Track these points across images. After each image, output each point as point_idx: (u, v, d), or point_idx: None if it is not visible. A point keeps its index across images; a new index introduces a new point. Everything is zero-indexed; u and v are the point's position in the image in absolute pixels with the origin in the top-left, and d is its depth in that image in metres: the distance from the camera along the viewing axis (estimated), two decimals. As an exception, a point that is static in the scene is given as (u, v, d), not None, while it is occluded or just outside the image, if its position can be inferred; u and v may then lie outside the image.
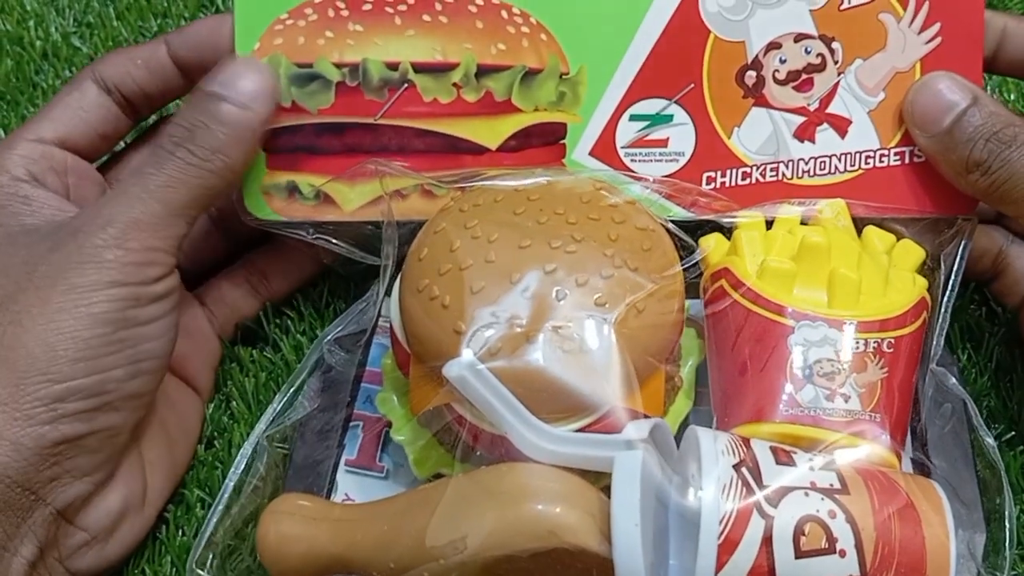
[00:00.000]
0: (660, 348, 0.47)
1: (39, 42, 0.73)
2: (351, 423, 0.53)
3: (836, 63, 0.53)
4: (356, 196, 0.54)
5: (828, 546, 0.42)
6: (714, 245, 0.52)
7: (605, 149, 0.54)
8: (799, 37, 0.53)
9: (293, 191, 0.54)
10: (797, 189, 0.54)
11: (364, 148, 0.54)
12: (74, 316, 0.46)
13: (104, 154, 0.55)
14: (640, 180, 0.54)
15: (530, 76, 0.53)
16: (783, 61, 0.53)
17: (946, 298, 0.51)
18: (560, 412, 0.45)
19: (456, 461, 0.47)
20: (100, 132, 0.53)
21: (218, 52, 0.52)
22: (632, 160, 0.54)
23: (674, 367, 0.50)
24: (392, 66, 0.53)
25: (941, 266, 0.52)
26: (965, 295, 0.59)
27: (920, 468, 0.50)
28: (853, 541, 0.42)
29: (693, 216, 0.54)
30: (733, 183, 0.54)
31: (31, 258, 0.47)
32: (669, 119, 0.54)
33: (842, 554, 0.42)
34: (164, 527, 0.53)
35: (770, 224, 0.52)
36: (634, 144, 0.54)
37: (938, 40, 0.53)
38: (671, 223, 0.51)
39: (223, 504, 0.49)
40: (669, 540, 0.44)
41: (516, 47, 0.53)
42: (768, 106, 0.54)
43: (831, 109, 0.54)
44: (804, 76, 0.54)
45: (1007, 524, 0.46)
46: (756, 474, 0.43)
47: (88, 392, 0.46)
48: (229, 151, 0.49)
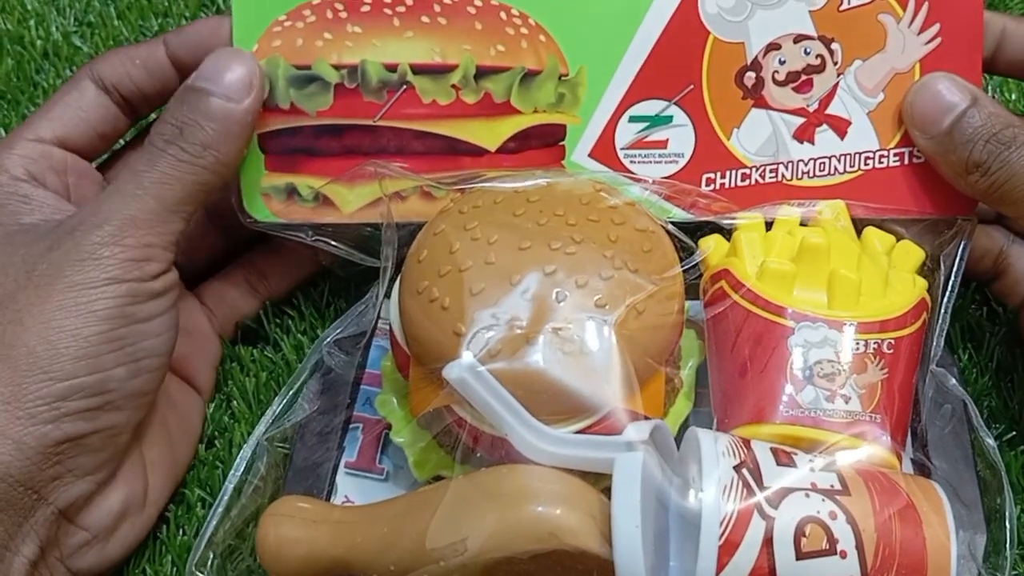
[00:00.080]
0: (660, 349, 0.47)
1: (40, 41, 0.73)
2: (351, 425, 0.53)
3: (835, 64, 0.53)
4: (355, 198, 0.54)
5: (829, 547, 0.42)
6: (714, 246, 0.52)
7: (605, 150, 0.54)
8: (798, 38, 0.53)
9: (292, 193, 0.54)
10: (797, 190, 0.54)
11: (363, 150, 0.54)
12: (74, 314, 0.46)
13: (103, 153, 0.55)
14: (639, 181, 0.53)
15: (529, 77, 0.53)
16: (782, 62, 0.53)
17: (946, 299, 0.51)
18: (560, 414, 0.45)
19: (456, 463, 0.46)
20: (99, 131, 0.53)
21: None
22: (632, 161, 0.54)
23: (674, 369, 0.50)
24: (391, 68, 0.53)
25: (941, 267, 0.52)
26: (966, 295, 0.59)
27: (920, 469, 0.50)
28: (854, 542, 0.42)
29: (693, 217, 0.54)
30: (733, 184, 0.54)
31: (30, 256, 0.47)
32: (668, 120, 0.54)
33: (843, 555, 0.42)
34: (165, 527, 0.53)
35: (770, 225, 0.52)
36: (633, 145, 0.54)
37: (937, 41, 0.53)
38: (671, 224, 0.51)
39: (223, 505, 0.49)
40: (670, 542, 0.44)
41: (515, 48, 0.53)
42: (767, 107, 0.54)
43: (830, 110, 0.54)
44: (803, 77, 0.53)
45: (1008, 524, 0.46)
46: (757, 475, 0.43)
47: (90, 390, 0.46)
48: (220, 146, 0.49)
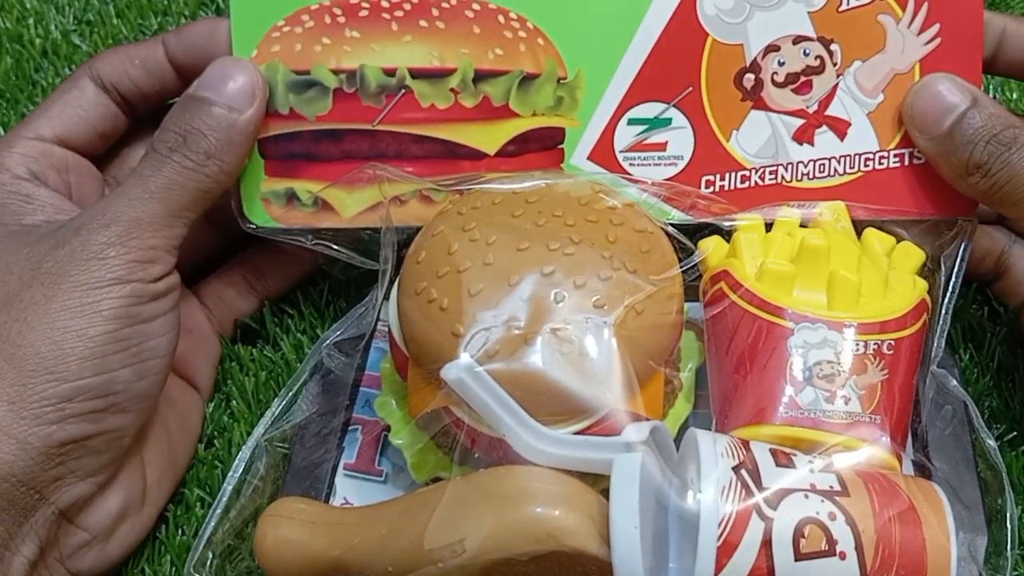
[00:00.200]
0: (659, 350, 0.47)
1: (39, 40, 0.73)
2: (350, 427, 0.53)
3: (835, 65, 0.53)
4: (354, 202, 0.54)
5: (828, 548, 0.42)
6: (713, 247, 0.52)
7: (604, 153, 0.54)
8: (797, 39, 0.53)
9: (291, 198, 0.54)
10: (796, 192, 0.54)
11: (362, 154, 0.54)
12: (80, 314, 0.46)
13: (102, 152, 0.55)
14: (639, 183, 0.53)
15: (528, 81, 0.53)
16: (781, 63, 0.53)
17: (947, 300, 0.51)
18: (559, 414, 0.45)
19: (454, 464, 0.46)
20: (99, 130, 0.53)
21: (214, 56, 0.52)
22: (631, 164, 0.54)
23: (673, 370, 0.50)
24: (389, 72, 0.53)
25: (941, 268, 0.52)
26: (967, 295, 0.59)
27: (921, 470, 0.49)
28: (853, 543, 0.42)
29: (692, 219, 0.53)
30: (732, 186, 0.54)
31: (34, 255, 0.47)
32: (667, 123, 0.54)
33: (842, 556, 0.42)
34: (164, 526, 0.53)
35: (769, 227, 0.52)
36: (633, 148, 0.54)
37: (937, 41, 0.53)
38: (670, 226, 0.51)
39: (222, 506, 0.49)
40: (669, 543, 0.43)
41: (513, 52, 0.53)
42: (767, 109, 0.54)
43: (830, 111, 0.54)
44: (803, 78, 0.53)
45: (1008, 525, 0.46)
46: (755, 476, 0.43)
47: (96, 392, 0.46)
48: (223, 155, 0.50)
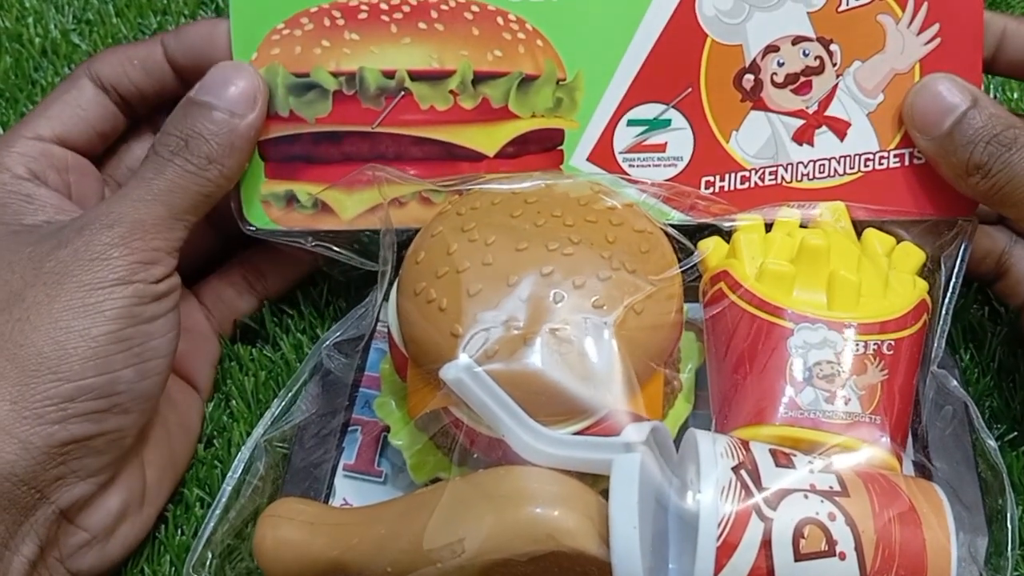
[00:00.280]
0: (659, 350, 0.47)
1: (38, 39, 0.73)
2: (349, 428, 0.53)
3: (834, 65, 0.53)
4: (354, 204, 0.54)
5: (828, 549, 0.42)
6: (713, 248, 0.52)
7: (603, 154, 0.54)
8: (797, 40, 0.53)
9: (291, 200, 0.54)
10: (796, 192, 0.54)
11: (362, 156, 0.54)
12: (83, 314, 0.46)
13: (101, 152, 0.55)
14: (638, 184, 0.53)
15: (527, 82, 0.53)
16: (781, 64, 0.53)
17: (947, 300, 0.51)
18: (558, 415, 0.45)
19: (453, 465, 0.46)
20: (98, 130, 0.53)
21: (213, 57, 0.52)
22: (630, 165, 0.54)
23: (673, 371, 0.50)
24: (388, 74, 0.53)
25: (942, 268, 0.52)
26: (967, 295, 0.59)
27: (921, 470, 0.49)
28: (853, 544, 0.42)
29: (692, 220, 0.53)
30: (732, 187, 0.54)
31: (37, 255, 0.47)
32: (667, 124, 0.54)
33: (842, 557, 0.42)
34: (163, 526, 0.53)
35: (769, 227, 0.52)
36: (632, 149, 0.54)
37: (937, 41, 0.53)
38: (670, 227, 0.51)
39: (222, 506, 0.49)
40: (668, 543, 0.43)
41: (512, 53, 0.53)
42: (766, 109, 0.54)
43: (830, 112, 0.54)
44: (802, 79, 0.53)
45: (1009, 525, 0.46)
46: (755, 476, 0.43)
47: (98, 392, 0.46)
48: (224, 159, 0.50)
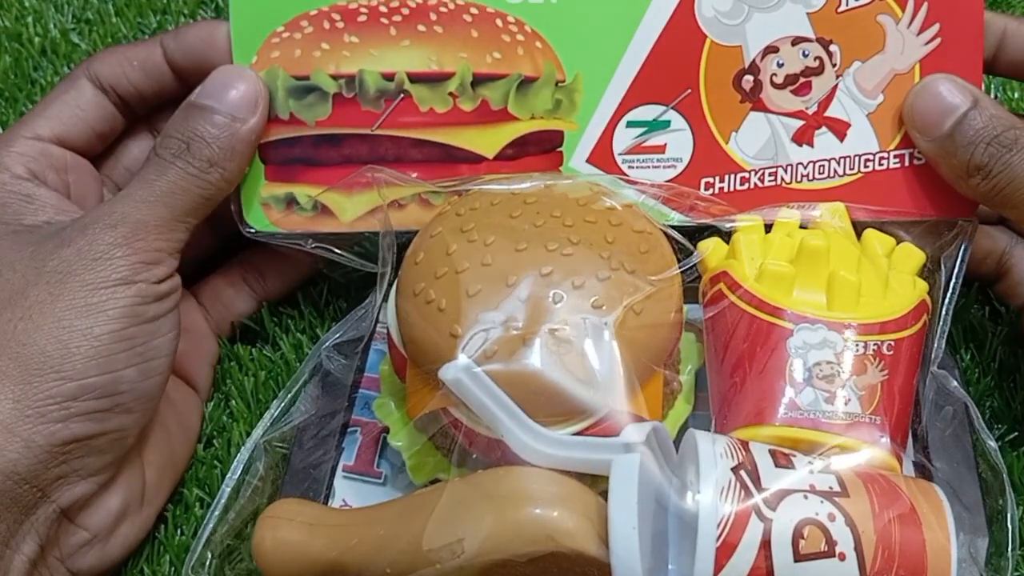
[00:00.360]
0: (658, 350, 0.47)
1: (37, 38, 0.73)
2: (349, 429, 0.53)
3: (834, 66, 0.53)
4: (353, 206, 0.54)
5: (827, 549, 0.41)
6: (712, 248, 0.51)
7: (603, 156, 0.54)
8: (796, 40, 0.53)
9: (291, 202, 0.54)
10: (796, 193, 0.54)
11: (361, 159, 0.54)
12: (86, 313, 0.46)
13: (99, 152, 0.55)
14: (637, 184, 0.53)
15: (526, 84, 0.53)
16: (780, 65, 0.53)
17: (947, 301, 0.51)
18: (557, 415, 0.45)
19: (452, 466, 0.46)
20: (97, 130, 0.54)
21: (212, 59, 0.52)
22: (630, 167, 0.54)
23: (673, 371, 0.50)
24: (388, 77, 0.53)
25: (942, 269, 0.52)
26: (968, 295, 0.58)
27: (921, 471, 0.49)
28: (852, 544, 0.42)
29: (691, 221, 0.53)
30: (732, 188, 0.54)
31: (39, 254, 0.47)
32: (666, 125, 0.54)
33: (841, 557, 0.41)
34: (163, 526, 0.53)
35: (769, 228, 0.52)
36: (631, 151, 0.54)
37: (937, 41, 0.53)
38: (669, 228, 0.51)
39: (221, 507, 0.49)
40: (668, 544, 0.43)
41: (512, 55, 0.53)
42: (766, 110, 0.54)
43: (829, 112, 0.54)
44: (802, 80, 0.53)
45: (1009, 525, 0.46)
46: (755, 477, 0.43)
47: (101, 391, 0.46)
48: (225, 163, 0.50)
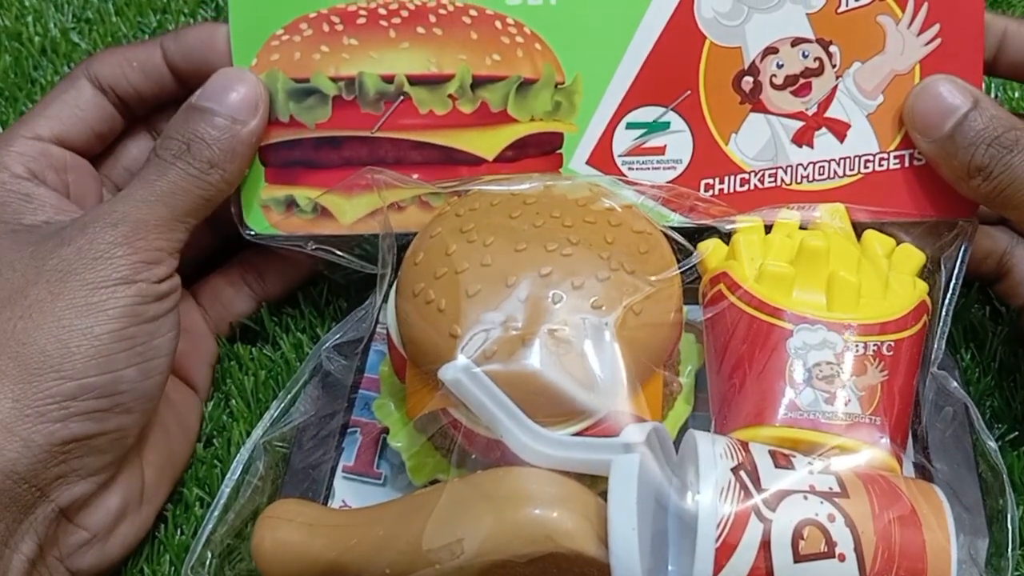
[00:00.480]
0: (658, 350, 0.47)
1: (37, 38, 0.73)
2: (349, 430, 0.53)
3: (834, 67, 0.53)
4: (353, 209, 0.54)
5: (827, 550, 0.41)
6: (712, 249, 0.51)
7: (602, 158, 0.54)
8: (796, 41, 0.53)
9: (291, 205, 0.54)
10: (796, 194, 0.54)
11: (362, 161, 0.54)
12: (86, 312, 0.46)
13: (99, 152, 0.55)
14: (637, 186, 0.53)
15: (525, 86, 0.53)
16: (780, 66, 0.53)
17: (947, 301, 0.51)
18: (557, 416, 0.45)
19: (452, 466, 0.46)
20: (96, 130, 0.54)
21: (212, 61, 0.53)
22: (630, 168, 0.54)
23: (673, 372, 0.50)
24: (388, 79, 0.53)
25: (942, 269, 0.52)
26: (968, 295, 0.58)
27: (921, 472, 0.49)
28: (852, 545, 0.41)
29: (691, 222, 0.53)
30: (732, 190, 0.54)
31: (39, 253, 0.47)
32: (666, 126, 0.54)
33: (841, 558, 0.41)
34: (163, 526, 0.53)
35: (769, 229, 0.52)
36: (631, 152, 0.54)
37: (938, 41, 0.53)
38: (669, 229, 0.51)
39: (221, 507, 0.49)
40: (668, 544, 0.43)
41: (511, 57, 0.53)
42: (766, 111, 0.54)
43: (829, 113, 0.53)
44: (802, 80, 0.53)
45: (1009, 526, 0.46)
46: (754, 477, 0.43)
47: (101, 391, 0.46)
48: (225, 164, 0.50)
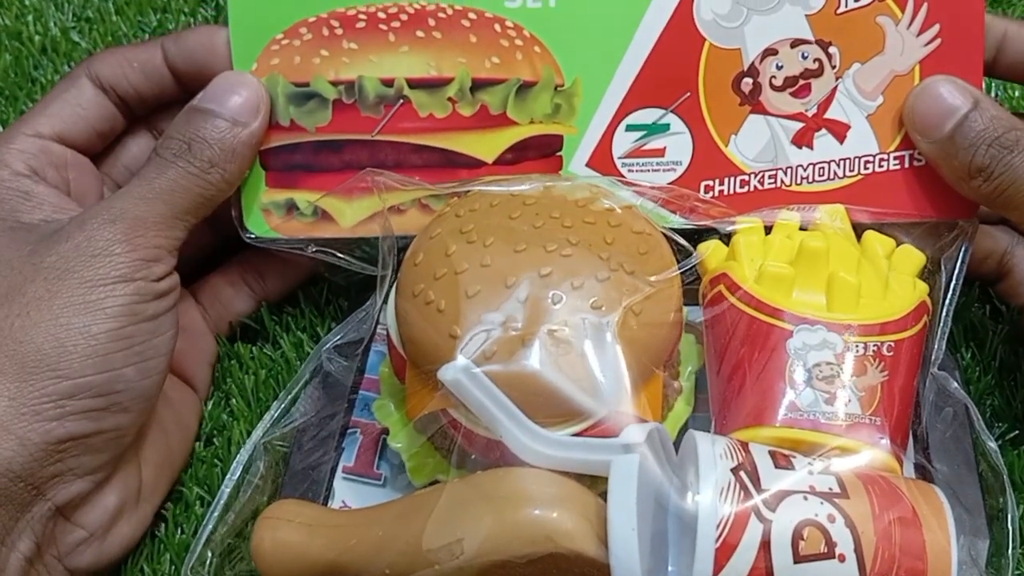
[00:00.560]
0: (657, 352, 0.47)
1: (38, 37, 0.73)
2: (349, 430, 0.53)
3: (834, 68, 0.53)
4: (353, 212, 0.54)
5: (827, 550, 0.41)
6: (712, 250, 0.51)
7: (602, 160, 0.54)
8: (796, 42, 0.53)
9: (291, 208, 0.55)
10: (796, 196, 0.54)
11: (362, 165, 0.54)
12: (84, 311, 0.46)
13: (99, 151, 0.55)
14: (637, 186, 0.53)
15: (525, 89, 0.54)
16: (780, 67, 0.53)
17: (947, 302, 0.51)
18: (556, 416, 0.45)
19: (451, 467, 0.46)
20: (97, 129, 0.54)
21: (212, 65, 0.53)
22: (629, 170, 0.54)
23: (673, 373, 0.50)
24: (387, 82, 0.53)
25: (942, 270, 0.52)
26: (969, 295, 0.58)
27: (922, 472, 0.49)
28: (852, 545, 0.41)
29: (691, 223, 0.53)
30: (731, 191, 0.54)
31: (38, 250, 0.47)
32: (666, 128, 0.54)
33: (841, 559, 0.41)
34: (163, 525, 0.53)
35: (769, 230, 0.52)
36: (631, 154, 0.54)
37: (937, 42, 0.53)
38: (669, 230, 0.51)
39: (221, 506, 0.49)
40: (668, 544, 0.43)
41: (510, 60, 0.53)
42: (765, 113, 0.54)
43: (829, 114, 0.53)
44: (801, 82, 0.53)
45: (1009, 525, 0.46)
46: (754, 478, 0.43)
47: (98, 390, 0.46)
48: (226, 164, 0.50)
